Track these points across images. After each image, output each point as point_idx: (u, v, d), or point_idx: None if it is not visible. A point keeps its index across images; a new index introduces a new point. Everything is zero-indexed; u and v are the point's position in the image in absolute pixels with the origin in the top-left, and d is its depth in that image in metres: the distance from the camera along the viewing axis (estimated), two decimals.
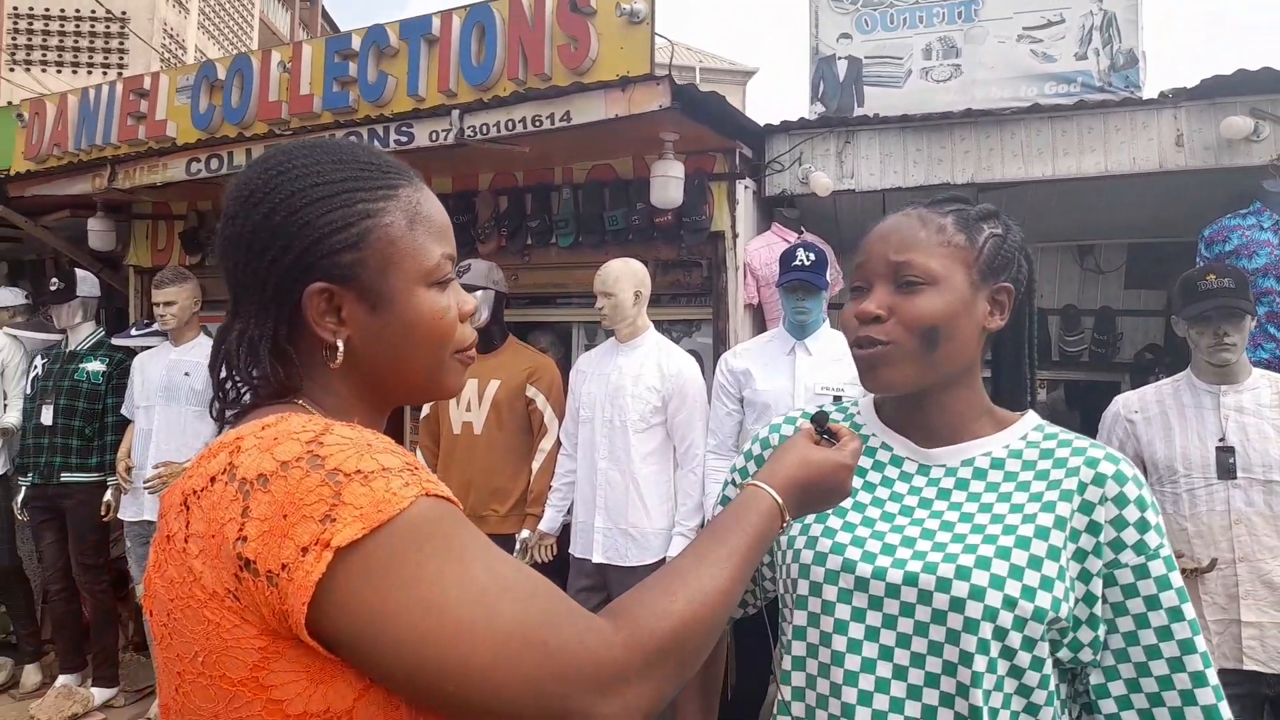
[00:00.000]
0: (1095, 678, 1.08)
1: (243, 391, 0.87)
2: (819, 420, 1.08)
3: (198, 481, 0.75)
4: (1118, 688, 1.06)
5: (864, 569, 1.10)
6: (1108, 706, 1.07)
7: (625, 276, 3.39)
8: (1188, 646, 1.04)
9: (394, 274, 0.86)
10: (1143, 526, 1.06)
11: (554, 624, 0.72)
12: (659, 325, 3.64)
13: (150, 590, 0.79)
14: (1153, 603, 1.04)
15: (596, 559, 3.39)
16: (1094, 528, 1.06)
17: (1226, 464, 2.64)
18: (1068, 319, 5.10)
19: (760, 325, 4.16)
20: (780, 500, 0.95)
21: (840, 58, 4.33)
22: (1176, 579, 1.06)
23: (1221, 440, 2.65)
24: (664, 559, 3.34)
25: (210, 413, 0.89)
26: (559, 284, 4.41)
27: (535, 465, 3.65)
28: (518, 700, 0.70)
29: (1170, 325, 4.73)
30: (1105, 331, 4.92)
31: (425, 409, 3.81)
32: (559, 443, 3.62)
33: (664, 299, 4.15)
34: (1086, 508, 1.07)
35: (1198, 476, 2.67)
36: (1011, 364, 1.26)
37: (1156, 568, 1.05)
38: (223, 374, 0.87)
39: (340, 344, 0.85)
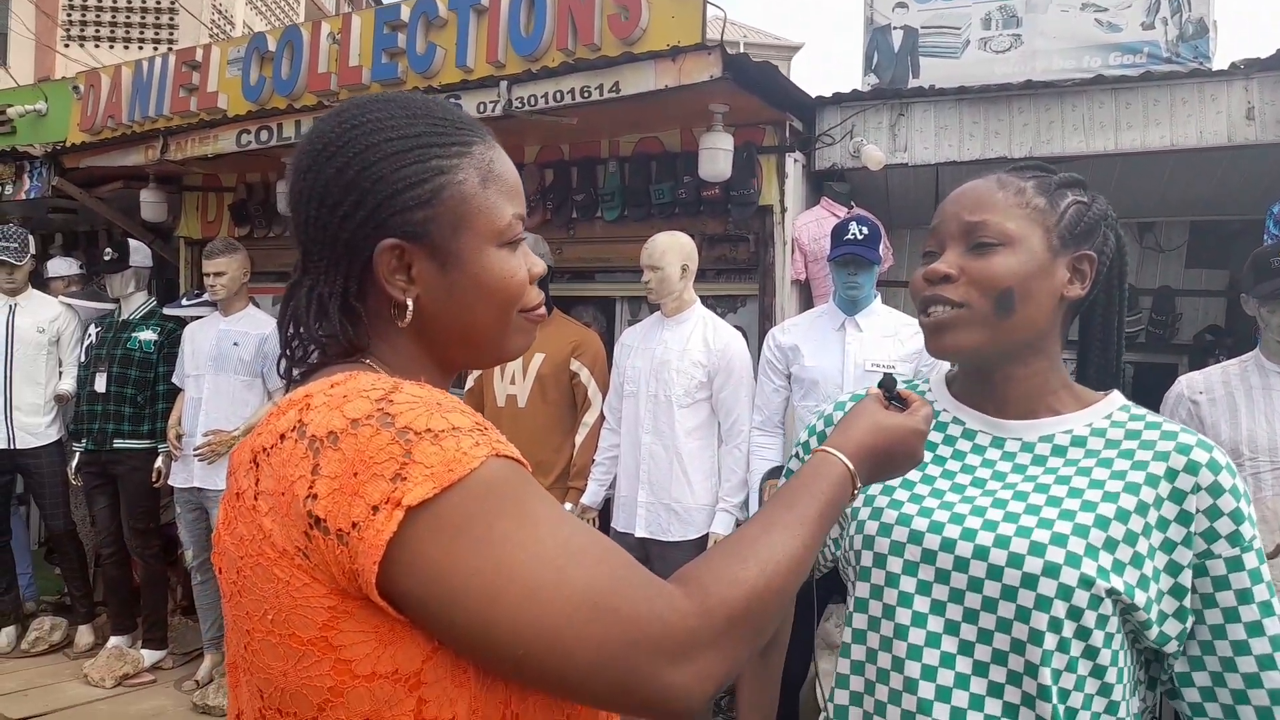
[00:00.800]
0: (1180, 665, 1.05)
1: (309, 350, 0.86)
2: (887, 385, 1.04)
3: (267, 439, 0.74)
4: (1202, 679, 1.03)
5: (931, 540, 1.06)
6: (1191, 695, 1.04)
7: (672, 250, 3.35)
8: (1278, 643, 1.00)
9: (466, 233, 0.84)
10: (1238, 517, 1.01)
11: (624, 590, 0.70)
12: (704, 301, 3.60)
13: (220, 547, 0.78)
14: (1244, 596, 1.00)
15: (639, 534, 3.37)
16: (1185, 517, 1.02)
17: None
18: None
19: (807, 302, 4.10)
20: (852, 466, 0.91)
21: (895, 28, 4.22)
22: (1267, 573, 1.02)
23: None
24: (707, 535, 3.32)
25: (278, 370, 0.88)
26: (604, 258, 4.38)
27: (578, 439, 3.64)
28: (588, 665, 0.68)
29: (1232, 306, 4.60)
30: (1164, 312, 4.78)
31: (470, 381, 3.81)
32: (602, 417, 3.61)
33: (709, 274, 4.09)
34: (1177, 496, 1.02)
35: (1264, 460, 2.58)
36: (1100, 346, 1.20)
37: (1250, 560, 1.01)
38: (290, 331, 0.86)
39: (410, 302, 0.83)
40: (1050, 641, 0.98)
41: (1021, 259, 1.07)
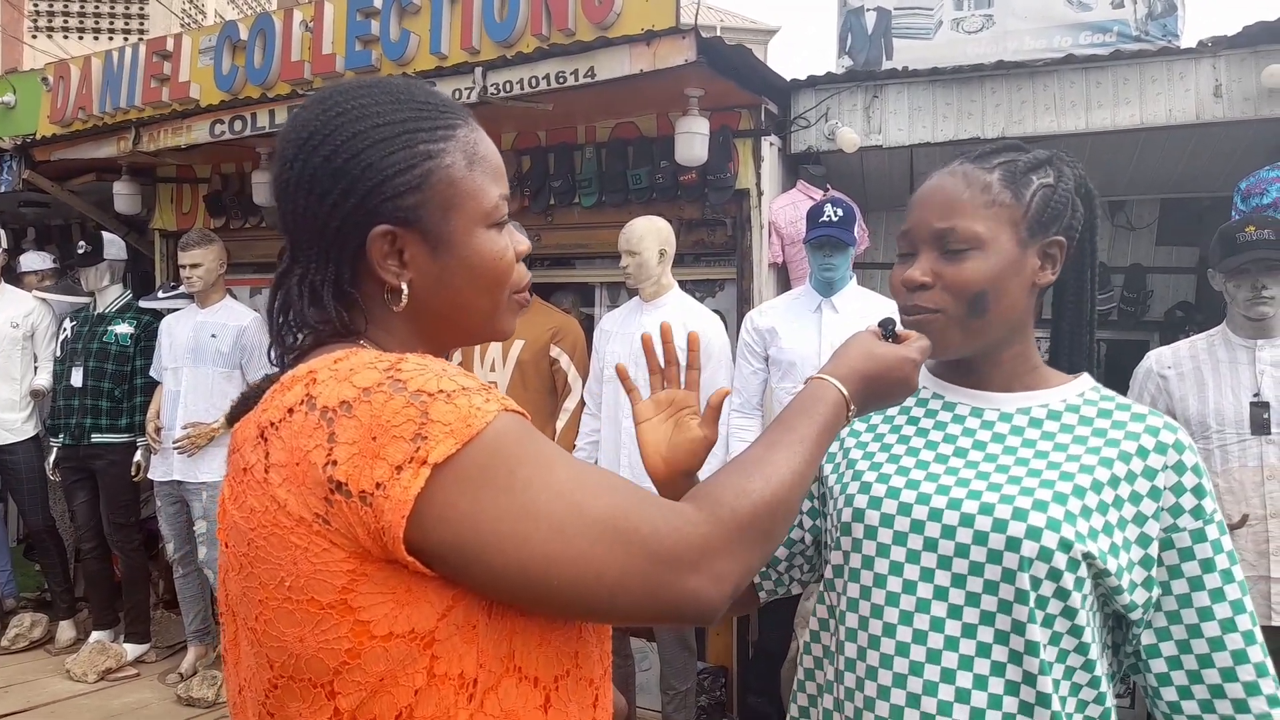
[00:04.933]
0: (1147, 638, 1.10)
1: (300, 337, 0.87)
2: (885, 325, 1.08)
3: (274, 414, 0.76)
4: (1169, 648, 1.08)
5: (920, 511, 1.11)
6: (1158, 666, 1.09)
7: (650, 234, 3.36)
8: (1238, 607, 1.06)
9: (455, 216, 0.85)
10: (1199, 492, 1.07)
11: (639, 511, 0.76)
12: (683, 285, 3.61)
13: (226, 522, 0.79)
14: (1208, 565, 1.06)
15: None
16: (1155, 493, 1.07)
17: (1261, 419, 2.60)
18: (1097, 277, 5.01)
19: (785, 285, 4.13)
20: (845, 391, 0.98)
21: (869, 9, 4.22)
22: (1228, 543, 1.08)
23: (1256, 395, 2.61)
24: None
25: (268, 357, 0.89)
26: (582, 244, 4.38)
27: (559, 424, 3.65)
28: (616, 584, 0.74)
29: (1202, 283, 4.67)
30: (1135, 289, 4.85)
31: None
32: (583, 402, 3.62)
33: (687, 258, 4.10)
34: (1149, 474, 1.08)
35: (1231, 432, 2.63)
36: (1071, 326, 1.24)
37: (1211, 532, 1.07)
38: (280, 320, 0.87)
39: (404, 286, 0.85)
40: (1033, 600, 1.03)
41: (992, 261, 1.10)
